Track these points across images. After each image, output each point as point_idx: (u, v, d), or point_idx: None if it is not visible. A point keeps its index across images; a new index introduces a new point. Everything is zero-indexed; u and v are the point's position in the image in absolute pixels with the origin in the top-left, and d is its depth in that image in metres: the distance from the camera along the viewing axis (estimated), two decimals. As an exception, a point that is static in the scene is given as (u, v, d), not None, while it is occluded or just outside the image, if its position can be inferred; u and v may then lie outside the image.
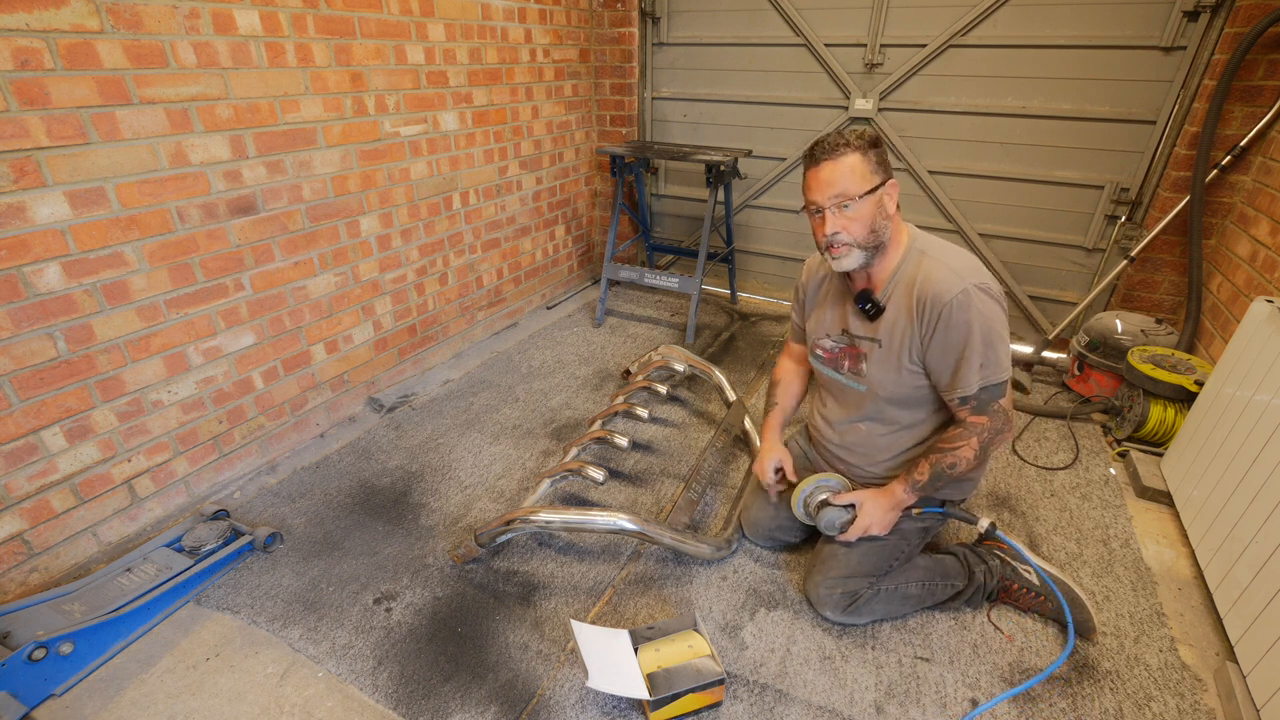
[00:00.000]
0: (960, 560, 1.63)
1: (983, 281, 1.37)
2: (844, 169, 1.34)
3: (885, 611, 1.58)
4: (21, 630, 1.45)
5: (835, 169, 1.34)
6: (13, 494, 1.57)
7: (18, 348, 1.53)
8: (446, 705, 1.40)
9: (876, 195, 1.36)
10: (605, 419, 2.25)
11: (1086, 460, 2.24)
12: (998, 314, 1.38)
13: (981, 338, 1.35)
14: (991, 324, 1.36)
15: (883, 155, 1.38)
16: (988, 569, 1.61)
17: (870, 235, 1.39)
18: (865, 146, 1.35)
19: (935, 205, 3.13)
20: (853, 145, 1.34)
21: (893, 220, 1.42)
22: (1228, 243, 2.47)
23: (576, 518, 1.66)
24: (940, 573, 1.60)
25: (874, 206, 1.37)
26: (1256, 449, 1.57)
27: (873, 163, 1.36)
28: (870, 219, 1.37)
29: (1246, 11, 2.29)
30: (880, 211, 1.38)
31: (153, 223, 1.73)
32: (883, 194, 1.38)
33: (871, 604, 1.55)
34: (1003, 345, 1.38)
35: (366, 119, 2.26)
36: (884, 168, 1.38)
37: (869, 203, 1.36)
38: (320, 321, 2.28)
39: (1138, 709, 1.40)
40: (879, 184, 1.36)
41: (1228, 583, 1.56)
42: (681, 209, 3.85)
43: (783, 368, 1.89)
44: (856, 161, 1.34)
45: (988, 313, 1.35)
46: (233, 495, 2.05)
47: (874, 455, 1.63)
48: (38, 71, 1.45)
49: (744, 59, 3.31)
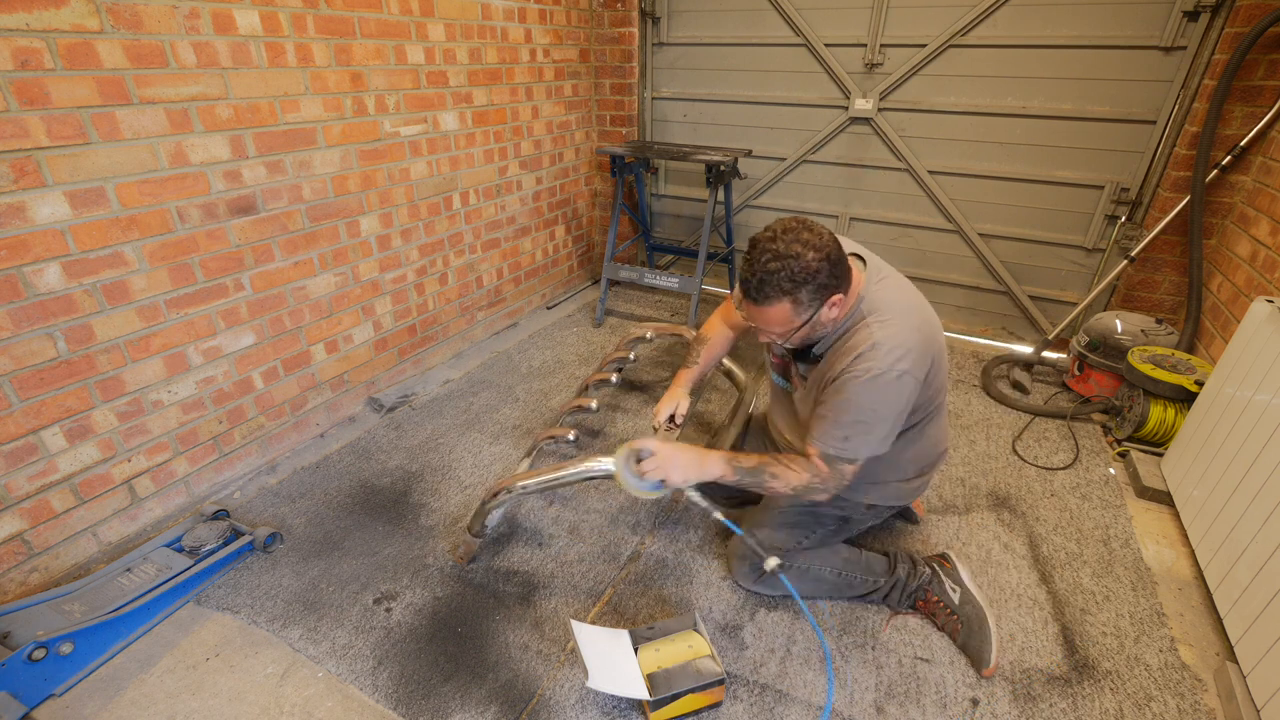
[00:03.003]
0: (890, 561, 1.65)
1: (900, 360, 1.28)
2: (771, 317, 1.28)
3: (796, 588, 1.53)
4: (21, 630, 1.45)
5: (763, 315, 1.29)
6: (13, 494, 1.57)
7: (18, 348, 1.53)
8: (446, 705, 1.40)
9: (809, 325, 1.30)
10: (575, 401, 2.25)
11: (1086, 460, 2.24)
12: (890, 401, 1.31)
13: (854, 417, 1.31)
14: (876, 410, 1.30)
15: (823, 283, 1.23)
16: (913, 571, 1.62)
17: (802, 341, 1.37)
18: (796, 288, 1.22)
19: (935, 205, 3.13)
20: (783, 291, 1.22)
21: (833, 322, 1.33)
22: (1228, 243, 2.47)
23: (554, 475, 1.60)
24: (862, 566, 1.63)
25: (809, 330, 1.32)
26: (1257, 449, 1.57)
27: (804, 303, 1.25)
28: (805, 336, 1.34)
29: (1246, 11, 2.29)
30: (817, 327, 1.32)
31: (153, 223, 1.73)
32: (815, 320, 1.29)
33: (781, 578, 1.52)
34: (871, 434, 1.32)
35: (366, 119, 2.26)
36: (821, 295, 1.25)
37: (805, 329, 1.31)
38: (320, 321, 2.28)
39: (1138, 709, 1.40)
40: (807, 320, 1.28)
41: (1228, 583, 1.56)
42: (681, 209, 3.85)
43: (714, 326, 1.83)
44: (785, 312, 1.26)
45: (880, 399, 1.30)
46: (233, 495, 2.05)
47: None
48: (38, 71, 1.45)
49: (744, 59, 3.31)
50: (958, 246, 3.17)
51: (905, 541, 1.87)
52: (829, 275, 1.23)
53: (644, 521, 1.95)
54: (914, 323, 1.34)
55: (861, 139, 3.19)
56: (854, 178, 3.28)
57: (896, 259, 3.18)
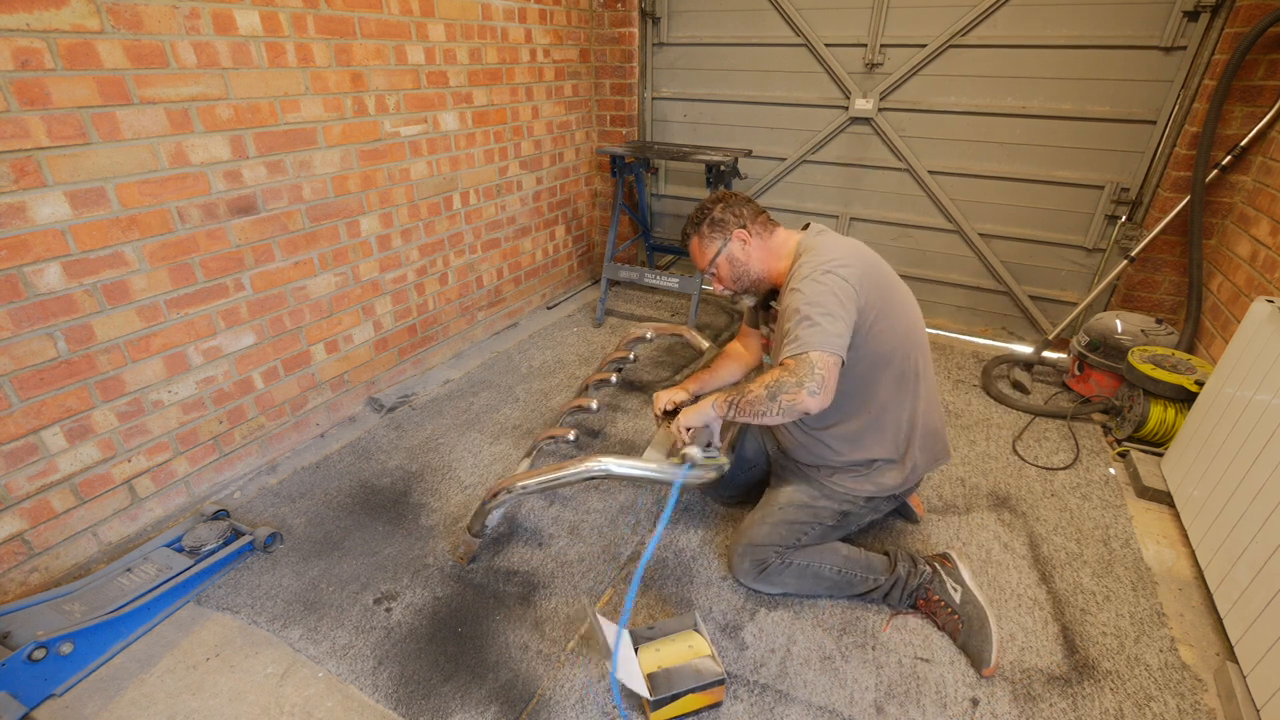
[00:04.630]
0: (890, 559, 1.65)
1: (830, 264, 1.40)
2: (694, 255, 1.64)
3: (796, 586, 1.63)
4: (21, 630, 1.45)
5: (693, 258, 1.65)
6: (13, 494, 1.57)
7: (18, 348, 1.53)
8: (446, 705, 1.40)
9: (724, 255, 1.59)
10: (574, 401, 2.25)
11: (1087, 460, 2.24)
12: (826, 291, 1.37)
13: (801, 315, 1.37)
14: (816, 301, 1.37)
15: (717, 220, 1.57)
16: (914, 569, 1.62)
17: (737, 282, 1.62)
18: (696, 226, 1.60)
19: (935, 205, 3.13)
20: (689, 233, 1.63)
21: (758, 254, 1.58)
22: (1228, 243, 2.47)
23: (552, 475, 1.59)
24: (862, 564, 1.63)
25: (726, 264, 1.60)
26: (1257, 449, 1.57)
27: (706, 237, 1.59)
28: (729, 274, 1.61)
29: (1246, 11, 2.29)
30: (734, 264, 1.59)
31: (153, 223, 1.73)
32: (729, 251, 1.58)
33: (782, 575, 1.61)
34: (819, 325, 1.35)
35: (367, 119, 2.26)
36: (721, 231, 1.58)
37: (720, 264, 1.60)
38: (320, 321, 2.28)
39: (1138, 709, 1.40)
40: (718, 251, 1.59)
41: (1228, 583, 1.56)
42: (681, 209, 3.85)
43: (734, 347, 1.96)
44: (695, 245, 1.62)
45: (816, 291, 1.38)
46: (233, 495, 2.05)
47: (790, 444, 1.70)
48: (38, 71, 1.45)
49: (744, 59, 3.31)
50: (958, 246, 3.17)
51: (906, 541, 1.87)
52: (722, 210, 1.57)
53: (644, 521, 1.95)
54: (845, 248, 1.48)
55: (861, 139, 3.19)
56: (854, 178, 3.28)
57: (896, 259, 3.20)
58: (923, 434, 1.61)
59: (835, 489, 1.63)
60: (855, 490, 1.62)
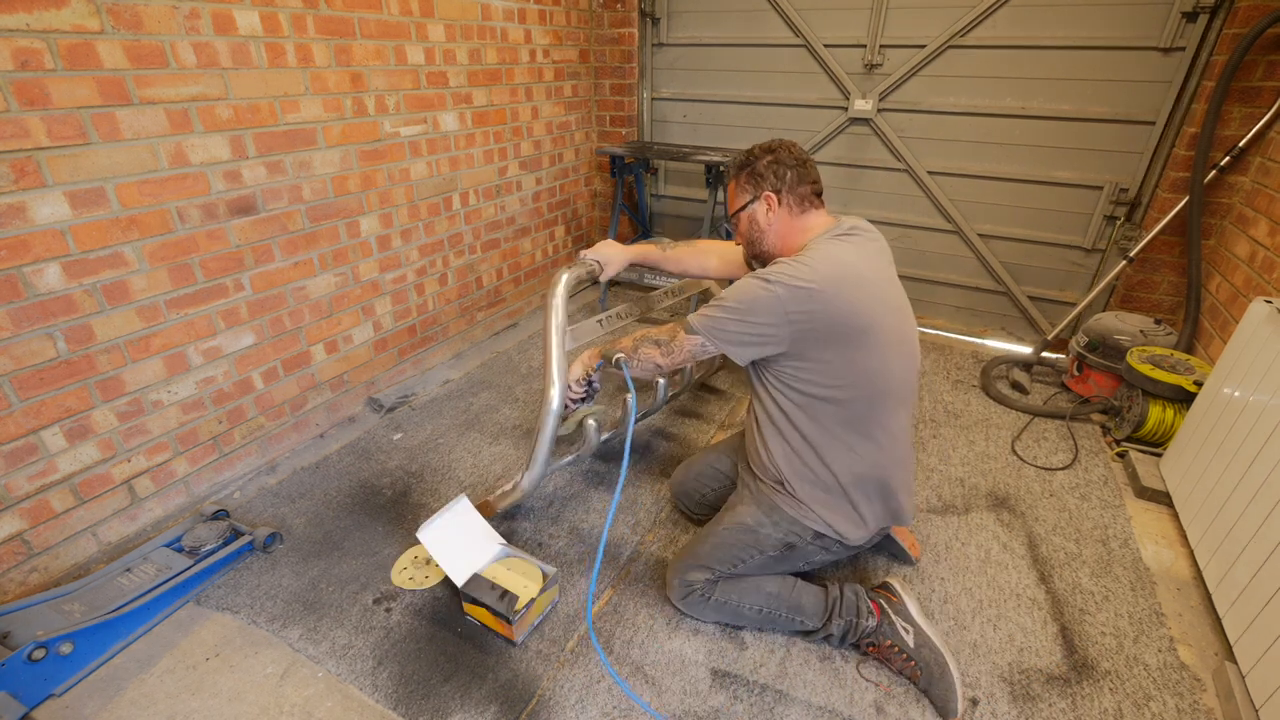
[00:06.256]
0: (826, 607, 1.51)
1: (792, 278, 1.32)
2: (731, 194, 1.58)
3: (716, 618, 1.56)
4: (21, 630, 1.45)
5: (728, 192, 1.60)
6: (13, 494, 1.57)
7: (18, 348, 1.53)
8: (446, 705, 1.40)
9: (748, 211, 1.53)
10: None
11: (1085, 460, 2.25)
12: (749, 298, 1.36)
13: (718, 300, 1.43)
14: (735, 300, 1.39)
15: (757, 173, 1.50)
16: (848, 624, 1.48)
17: (749, 245, 1.58)
18: (738, 171, 1.54)
19: (934, 206, 3.13)
20: (730, 173, 1.57)
21: (778, 226, 1.51)
22: (1226, 243, 2.47)
23: None
24: (789, 604, 1.51)
25: (747, 221, 1.54)
26: (1255, 449, 1.57)
27: (741, 184, 1.53)
28: (746, 231, 1.56)
29: (1245, 12, 2.30)
30: (754, 225, 1.53)
31: (153, 223, 1.73)
32: (753, 210, 1.52)
33: (702, 606, 1.54)
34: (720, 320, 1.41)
35: (366, 119, 2.26)
36: (755, 186, 1.50)
37: (742, 218, 1.55)
38: (320, 322, 2.28)
39: (1137, 709, 1.40)
40: (745, 204, 1.53)
41: (1226, 583, 1.56)
42: (681, 209, 3.85)
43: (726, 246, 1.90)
44: (731, 187, 1.57)
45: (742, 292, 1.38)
46: (232, 495, 2.05)
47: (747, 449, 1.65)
48: (38, 72, 1.45)
49: (744, 59, 3.31)
50: (957, 247, 3.17)
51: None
52: (767, 165, 1.49)
53: (644, 521, 1.95)
54: (824, 269, 1.33)
55: (861, 139, 3.20)
56: (853, 178, 3.29)
57: (896, 259, 3.18)
58: (877, 489, 1.47)
59: (781, 516, 1.50)
60: (801, 520, 1.48)
